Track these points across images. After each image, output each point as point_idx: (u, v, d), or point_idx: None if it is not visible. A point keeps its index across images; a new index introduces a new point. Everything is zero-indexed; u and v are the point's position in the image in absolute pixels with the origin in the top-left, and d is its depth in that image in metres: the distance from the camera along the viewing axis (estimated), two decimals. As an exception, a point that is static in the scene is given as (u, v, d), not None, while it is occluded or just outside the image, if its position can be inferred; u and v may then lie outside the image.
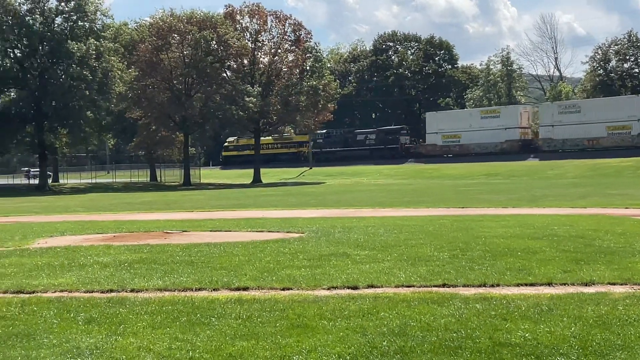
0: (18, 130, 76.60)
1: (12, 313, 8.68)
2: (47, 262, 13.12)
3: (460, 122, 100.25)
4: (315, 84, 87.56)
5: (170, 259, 13.13)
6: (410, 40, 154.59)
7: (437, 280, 10.35)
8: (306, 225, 20.40)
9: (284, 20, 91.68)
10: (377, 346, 6.84)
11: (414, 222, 20.47)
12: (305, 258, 12.90)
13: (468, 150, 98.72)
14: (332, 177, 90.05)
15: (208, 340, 7.22)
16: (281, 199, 43.74)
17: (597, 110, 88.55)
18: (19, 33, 74.08)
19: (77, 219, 27.62)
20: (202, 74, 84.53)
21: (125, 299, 9.44)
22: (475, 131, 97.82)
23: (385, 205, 32.68)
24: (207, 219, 25.36)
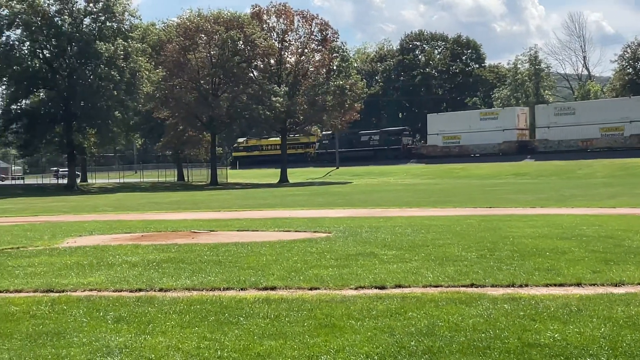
0: (47, 130, 77.12)
1: (42, 312, 8.75)
2: (76, 262, 13.21)
3: (460, 124, 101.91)
4: (342, 84, 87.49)
5: (198, 259, 13.17)
6: (437, 39, 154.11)
7: (465, 280, 10.31)
8: (333, 225, 20.39)
9: (310, 20, 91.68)
10: (405, 346, 6.83)
11: (441, 222, 20.41)
12: (333, 258, 12.90)
13: (467, 151, 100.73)
14: (359, 176, 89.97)
15: (236, 339, 7.24)
16: (308, 198, 43.74)
17: (591, 112, 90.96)
18: (47, 34, 74.68)
19: (106, 219, 27.79)
20: (229, 73, 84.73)
21: (153, 298, 9.48)
22: (475, 132, 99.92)
23: (412, 205, 32.60)
24: (234, 219, 25.41)
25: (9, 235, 19.71)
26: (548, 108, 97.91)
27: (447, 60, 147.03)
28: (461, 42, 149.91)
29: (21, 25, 73.47)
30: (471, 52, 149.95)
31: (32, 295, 10.08)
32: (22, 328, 7.90)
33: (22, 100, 78.97)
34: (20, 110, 78.57)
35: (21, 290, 10.43)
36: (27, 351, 6.95)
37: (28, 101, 79.78)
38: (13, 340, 7.37)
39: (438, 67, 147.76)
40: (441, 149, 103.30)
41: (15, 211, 37.86)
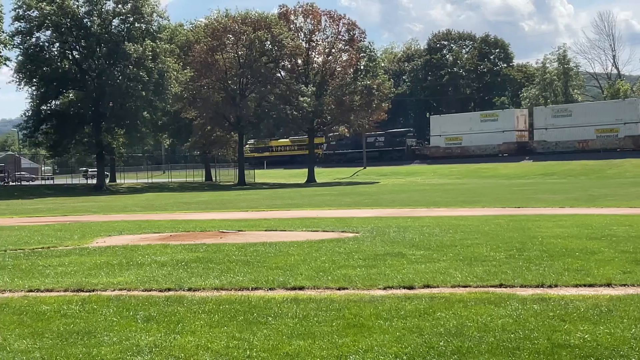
0: (76, 131, 77.68)
1: (72, 311, 8.82)
2: (106, 261, 13.30)
3: (461, 125, 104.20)
4: (369, 84, 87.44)
5: (227, 259, 13.22)
6: (465, 38, 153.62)
7: (494, 280, 10.27)
8: (361, 224, 20.40)
9: (337, 20, 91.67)
10: (434, 346, 6.82)
11: (469, 222, 20.34)
12: (361, 258, 12.90)
13: (468, 152, 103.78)
14: (386, 176, 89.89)
15: (265, 339, 7.26)
16: (335, 198, 43.75)
17: (587, 113, 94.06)
18: (77, 35, 75.25)
19: (134, 219, 27.94)
20: (257, 74, 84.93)
21: (182, 298, 9.53)
22: (475, 134, 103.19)
23: (440, 205, 32.51)
24: (262, 219, 25.47)
25: (39, 235, 19.87)
26: (546, 110, 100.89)
27: (474, 60, 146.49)
28: (489, 42, 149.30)
29: (51, 26, 74.08)
30: (499, 51, 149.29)
31: (62, 294, 10.16)
32: (53, 327, 7.97)
33: (51, 101, 79.52)
34: (50, 111, 79.15)
35: (52, 290, 10.52)
36: (59, 350, 7.01)
37: (58, 102, 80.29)
38: (44, 339, 7.44)
39: (466, 66, 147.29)
40: (443, 150, 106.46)
41: (46, 211, 38.16)
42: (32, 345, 7.23)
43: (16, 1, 73.29)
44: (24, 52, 74.84)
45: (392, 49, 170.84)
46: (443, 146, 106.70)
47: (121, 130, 78.98)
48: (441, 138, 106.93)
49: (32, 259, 14.04)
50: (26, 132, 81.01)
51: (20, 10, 73.47)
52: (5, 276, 11.88)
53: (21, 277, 11.75)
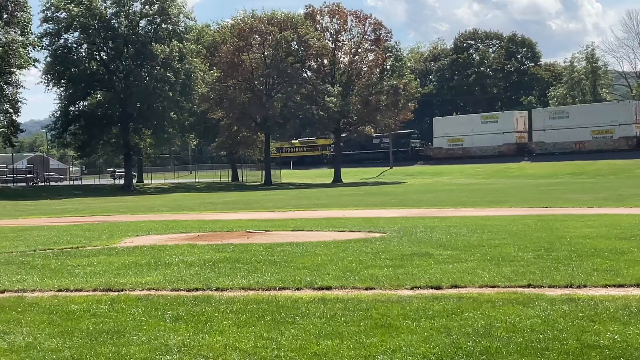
0: (104, 132, 78.12)
1: (102, 310, 8.88)
2: (134, 261, 13.37)
3: (463, 127, 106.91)
4: (396, 83, 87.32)
5: (254, 259, 13.25)
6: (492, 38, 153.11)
7: (522, 280, 10.22)
8: (387, 224, 20.37)
9: (364, 20, 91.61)
10: (462, 347, 6.80)
11: (496, 222, 20.26)
12: (388, 258, 12.88)
13: (470, 153, 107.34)
14: (412, 176, 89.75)
15: (293, 339, 7.27)
16: (362, 198, 43.72)
17: (583, 115, 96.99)
18: (104, 36, 75.70)
19: (162, 219, 28.06)
20: (283, 74, 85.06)
21: (210, 298, 9.56)
22: (476, 135, 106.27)
23: (467, 205, 32.39)
24: (288, 219, 25.50)
25: (68, 235, 20.01)
26: (544, 112, 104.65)
27: (501, 59, 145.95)
28: (516, 41, 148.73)
29: (79, 28, 74.55)
30: (526, 50, 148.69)
31: (91, 294, 10.23)
32: (82, 326, 8.03)
33: (79, 102, 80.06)
34: (78, 111, 79.65)
35: (81, 289, 10.59)
36: (88, 349, 7.06)
37: (86, 103, 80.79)
38: (74, 338, 7.50)
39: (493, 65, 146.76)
40: (446, 151, 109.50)
41: (74, 211, 38.42)
42: (62, 344, 7.29)
43: (44, 3, 73.90)
44: (52, 54, 75.43)
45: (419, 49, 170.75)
46: (445, 147, 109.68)
47: (148, 131, 79.41)
48: (444, 139, 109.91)
49: (61, 259, 14.14)
50: (54, 133, 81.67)
51: (48, 12, 74.05)
52: (35, 276, 11.98)
53: (51, 276, 11.85)
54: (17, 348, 7.17)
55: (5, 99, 68.71)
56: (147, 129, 78.84)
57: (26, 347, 7.18)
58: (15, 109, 70.75)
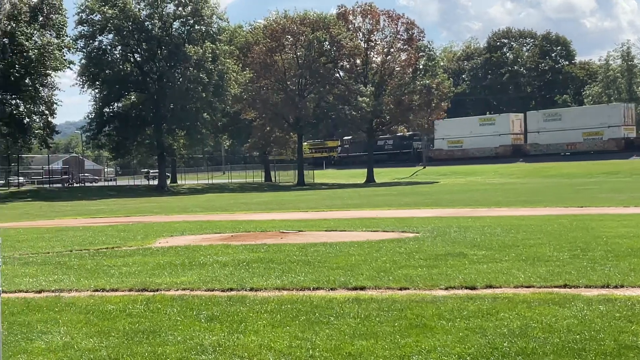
0: (138, 133, 78.60)
1: (137, 310, 8.94)
2: (169, 261, 13.45)
3: (462, 129, 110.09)
4: (429, 83, 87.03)
5: (287, 259, 13.27)
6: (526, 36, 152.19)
7: (558, 280, 10.15)
8: (421, 224, 20.32)
9: (396, 19, 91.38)
10: (498, 347, 6.76)
11: (531, 222, 20.14)
12: (422, 258, 12.85)
13: (468, 154, 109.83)
14: (446, 176, 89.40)
15: (327, 339, 7.27)
16: (395, 198, 43.64)
17: (574, 118, 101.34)
18: (138, 38, 76.24)
19: (196, 219, 28.20)
20: (315, 74, 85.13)
21: (245, 298, 9.59)
22: (475, 137, 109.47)
23: (501, 204, 32.23)
24: (322, 219, 25.52)
25: (103, 236, 20.18)
26: (538, 114, 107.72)
27: (535, 58, 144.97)
28: (550, 39, 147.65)
29: (113, 30, 75.13)
30: (561, 48, 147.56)
31: (127, 294, 10.30)
32: (118, 326, 8.09)
33: (114, 103, 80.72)
34: (112, 113, 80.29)
35: (117, 289, 10.67)
36: (125, 349, 7.11)
37: (120, 104, 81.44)
38: (111, 338, 7.55)
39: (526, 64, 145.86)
40: (446, 152, 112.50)
41: (109, 212, 38.72)
42: (99, 344, 7.35)
43: (79, 5, 74.60)
44: (87, 56, 76.10)
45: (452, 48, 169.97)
46: (445, 149, 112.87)
47: (182, 132, 79.81)
48: (444, 141, 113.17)
49: (97, 259, 14.27)
50: (89, 134, 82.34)
51: (83, 15, 74.75)
52: (71, 276, 12.09)
53: (87, 277, 11.95)
54: (55, 347, 7.24)
55: (41, 101, 69.38)
56: (180, 130, 79.24)
57: (64, 347, 7.25)
58: (50, 110, 71.44)
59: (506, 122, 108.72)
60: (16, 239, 19.94)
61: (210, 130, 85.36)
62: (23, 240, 19.30)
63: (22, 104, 69.36)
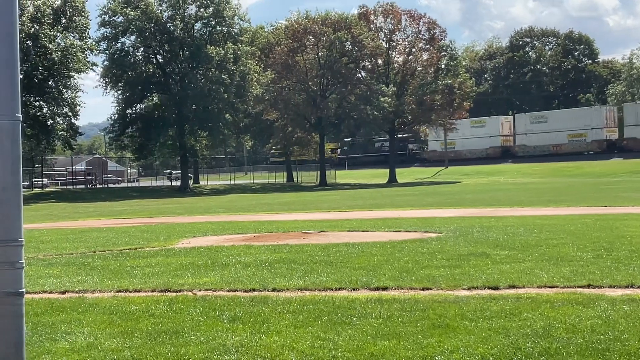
0: (160, 134, 78.91)
1: (160, 311, 8.96)
2: (192, 262, 13.48)
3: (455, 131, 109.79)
4: (451, 83, 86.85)
5: (310, 259, 13.27)
6: (548, 35, 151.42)
7: (581, 280, 10.10)
8: (443, 224, 20.28)
9: (418, 19, 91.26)
10: (521, 347, 6.73)
11: (554, 222, 20.05)
12: (444, 258, 12.82)
13: (461, 155, 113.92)
14: (468, 176, 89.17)
15: (350, 339, 7.26)
16: (417, 198, 43.56)
17: (560, 120, 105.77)
18: (160, 39, 76.62)
19: (218, 220, 28.27)
20: (337, 74, 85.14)
21: (267, 298, 9.60)
22: (467, 139, 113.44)
23: (524, 204, 32.10)
24: (344, 219, 25.52)
25: (126, 237, 20.26)
26: (525, 117, 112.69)
27: (558, 57, 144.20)
28: (573, 38, 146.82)
29: (135, 31, 75.53)
30: (584, 47, 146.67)
31: (150, 294, 10.33)
32: (142, 326, 8.11)
33: (136, 104, 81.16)
34: (135, 114, 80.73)
35: (140, 290, 10.70)
36: (148, 349, 7.13)
37: (142, 105, 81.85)
38: (134, 339, 7.58)
39: (549, 63, 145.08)
40: (440, 153, 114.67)
41: (132, 213, 38.90)
42: (122, 344, 7.37)
43: (102, 7, 75.06)
44: (109, 57, 76.52)
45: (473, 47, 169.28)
46: (439, 150, 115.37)
47: (204, 133, 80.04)
48: (437, 143, 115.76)
49: (120, 260, 14.33)
50: (112, 135, 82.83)
51: (105, 17, 75.19)
52: (95, 276, 12.15)
53: (110, 277, 12.00)
54: (79, 348, 7.27)
55: (64, 103, 69.83)
56: (202, 131, 79.47)
57: (87, 347, 7.29)
58: (74, 112, 71.87)
59: (496, 124, 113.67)
60: (40, 240, 20.08)
61: (232, 131, 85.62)
62: (47, 242, 19.43)
63: (46, 105, 69.85)
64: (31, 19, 64.98)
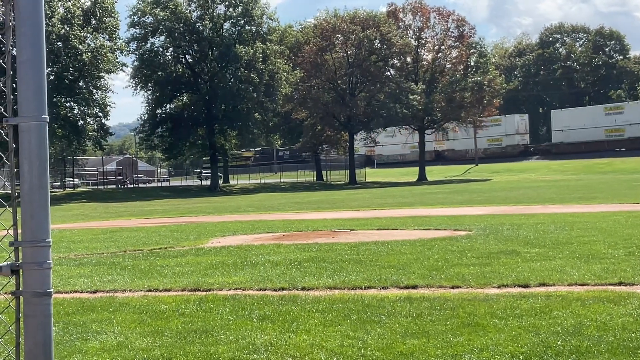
0: (190, 133, 79.22)
1: (190, 310, 9.00)
2: (221, 261, 13.52)
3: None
4: (480, 80, 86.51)
5: (339, 258, 13.26)
6: (579, 31, 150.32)
7: (613, 278, 10.01)
8: (473, 222, 20.20)
9: (447, 17, 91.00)
10: (552, 345, 6.68)
11: (585, 219, 19.90)
12: (474, 256, 12.77)
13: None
14: (498, 173, 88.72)
15: (379, 338, 7.25)
16: (447, 196, 43.41)
17: None
18: (190, 39, 76.90)
19: (248, 219, 28.34)
20: (366, 73, 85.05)
21: (296, 297, 9.60)
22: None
23: (555, 201, 31.89)
24: (373, 218, 25.49)
25: (156, 236, 20.36)
26: None
27: (589, 53, 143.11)
28: (604, 34, 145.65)
29: (165, 32, 75.89)
30: (614, 43, 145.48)
31: (180, 294, 10.38)
32: (172, 326, 8.15)
33: (166, 104, 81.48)
34: (165, 114, 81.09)
35: (170, 289, 10.75)
36: (178, 348, 7.16)
37: (172, 105, 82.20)
38: (164, 338, 7.62)
39: (580, 59, 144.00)
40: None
41: (162, 212, 39.09)
42: (153, 343, 7.41)
43: (131, 8, 75.55)
44: (139, 58, 76.91)
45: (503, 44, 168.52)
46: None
47: (233, 132, 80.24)
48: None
49: (151, 259, 14.40)
50: (142, 135, 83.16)
51: (135, 17, 75.61)
52: (125, 276, 12.23)
53: (140, 277, 12.07)
54: (109, 347, 7.32)
55: (94, 103, 70.32)
56: (232, 130, 79.67)
57: (118, 346, 7.33)
58: (104, 112, 72.32)
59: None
60: (71, 240, 20.24)
61: (262, 130, 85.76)
62: (78, 241, 19.57)
63: (76, 106, 70.38)
64: (61, 20, 65.46)
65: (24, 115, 3.20)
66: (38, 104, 3.19)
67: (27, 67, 3.20)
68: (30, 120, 3.18)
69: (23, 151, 3.23)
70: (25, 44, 3.21)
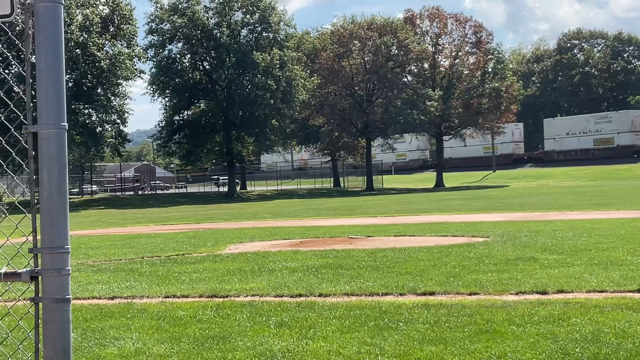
0: (207, 140, 79.47)
1: (207, 316, 9.02)
2: (239, 267, 13.55)
3: None
4: (498, 86, 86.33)
5: (356, 264, 13.26)
6: (597, 37, 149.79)
7: (632, 285, 9.96)
8: (491, 229, 20.14)
9: (464, 23, 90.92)
10: (570, 353, 6.65)
11: (604, 225, 19.80)
12: (492, 262, 12.73)
13: None
14: (516, 179, 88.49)
15: (396, 344, 7.24)
16: (464, 202, 43.31)
17: None
18: (207, 46, 77.15)
19: (265, 225, 28.38)
20: (383, 79, 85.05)
21: (314, 304, 9.60)
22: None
23: (573, 208, 31.76)
24: (390, 224, 25.46)
25: (174, 242, 20.41)
26: None
27: (607, 58, 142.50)
28: (622, 39, 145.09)
29: (182, 38, 76.25)
30: (633, 48, 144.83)
31: (197, 300, 10.40)
32: (189, 332, 8.17)
33: (183, 111, 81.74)
34: (182, 121, 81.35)
35: (187, 296, 10.77)
36: (195, 355, 7.18)
37: (189, 112, 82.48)
38: (181, 344, 7.63)
39: (598, 65, 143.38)
40: None
41: (179, 219, 39.19)
42: (170, 349, 7.43)
43: (149, 15, 75.86)
44: (157, 65, 77.24)
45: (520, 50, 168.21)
46: None
47: (251, 139, 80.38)
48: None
49: (168, 266, 14.44)
50: (160, 142, 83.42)
51: (153, 24, 75.95)
52: (143, 282, 12.26)
53: (158, 283, 12.10)
54: (127, 353, 7.34)
55: (112, 110, 70.64)
56: (249, 137, 79.83)
57: (135, 352, 7.35)
58: (122, 119, 72.69)
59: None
60: (89, 246, 20.32)
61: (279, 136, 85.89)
62: (96, 248, 19.65)
63: (95, 113, 70.75)
64: (80, 27, 65.82)
65: (43, 123, 3.23)
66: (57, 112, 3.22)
67: (47, 75, 3.23)
68: (49, 127, 3.21)
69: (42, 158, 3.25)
70: (45, 52, 3.24)
